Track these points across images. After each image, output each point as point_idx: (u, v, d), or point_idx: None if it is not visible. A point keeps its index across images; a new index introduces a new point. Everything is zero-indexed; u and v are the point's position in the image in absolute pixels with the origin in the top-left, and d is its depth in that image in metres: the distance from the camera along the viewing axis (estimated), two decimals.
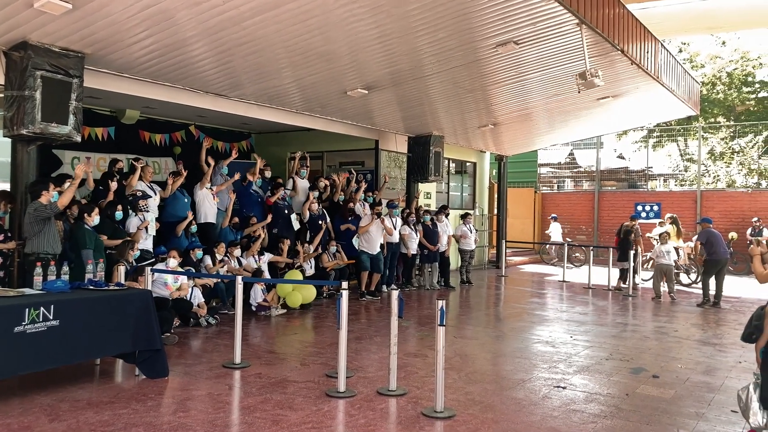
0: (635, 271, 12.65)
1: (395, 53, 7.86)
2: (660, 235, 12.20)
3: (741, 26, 19.58)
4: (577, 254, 17.48)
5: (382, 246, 11.17)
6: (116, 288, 5.46)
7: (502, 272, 15.07)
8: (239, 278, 5.92)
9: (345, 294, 5.11)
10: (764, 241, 10.20)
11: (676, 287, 11.96)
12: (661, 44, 10.47)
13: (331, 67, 8.21)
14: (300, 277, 9.44)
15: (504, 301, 11.56)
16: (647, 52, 9.79)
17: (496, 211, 17.38)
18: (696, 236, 11.79)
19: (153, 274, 6.75)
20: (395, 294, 5.21)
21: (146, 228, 7.74)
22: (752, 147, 19.52)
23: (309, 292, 9.39)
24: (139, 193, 7.84)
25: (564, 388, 5.51)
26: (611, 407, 4.99)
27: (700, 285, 12.61)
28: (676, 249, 13.10)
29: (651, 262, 13.49)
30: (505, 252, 15.92)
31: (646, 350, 7.19)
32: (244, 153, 13.82)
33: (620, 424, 4.59)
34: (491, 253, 17.22)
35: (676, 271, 12.22)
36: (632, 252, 12.31)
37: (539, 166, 21.93)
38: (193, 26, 6.39)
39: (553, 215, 18.42)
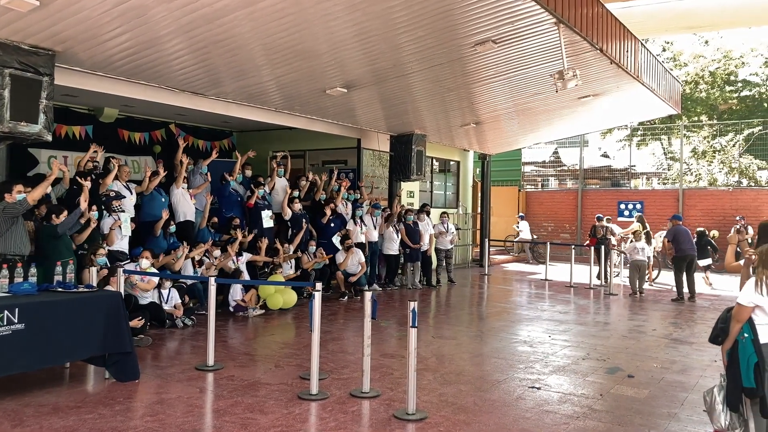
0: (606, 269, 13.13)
1: (373, 51, 7.79)
2: (634, 232, 12.45)
3: (720, 26, 19.72)
4: (540, 251, 17.91)
5: (362, 245, 11.16)
6: (86, 290, 5.37)
7: (485, 271, 15.07)
8: (212, 279, 5.85)
9: (318, 296, 5.05)
10: (743, 229, 10.34)
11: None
12: (641, 43, 10.49)
13: (310, 66, 8.13)
14: (281, 278, 9.38)
15: (485, 300, 11.55)
16: (627, 51, 9.80)
17: (480, 210, 17.38)
18: (665, 233, 11.96)
19: (125, 274, 6.67)
20: (369, 295, 5.16)
21: (120, 227, 7.62)
22: (733, 146, 19.65)
23: (290, 297, 9.31)
24: (112, 194, 7.71)
25: (538, 388, 5.49)
26: (584, 408, 4.98)
27: (659, 282, 13.38)
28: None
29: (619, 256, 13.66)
30: (489, 250, 15.93)
31: (623, 349, 7.20)
32: (225, 152, 13.70)
33: (592, 425, 4.58)
34: (475, 252, 17.21)
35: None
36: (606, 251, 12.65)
37: (523, 165, 21.97)
38: (168, 23, 6.28)
39: (521, 214, 18.62)
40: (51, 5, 5.61)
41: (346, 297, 10.42)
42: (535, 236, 18.69)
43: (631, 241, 12.36)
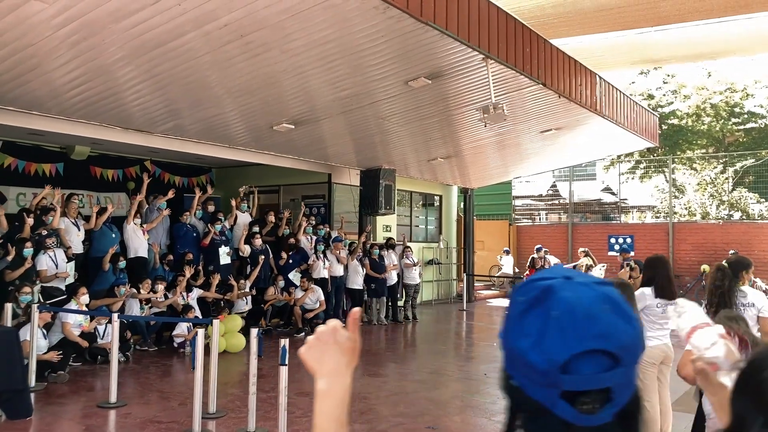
0: None
1: (336, 78, 7.57)
2: (587, 266, 12.45)
3: (722, 54, 19.55)
4: None
5: (324, 281, 11.09)
6: None
7: (464, 306, 14.85)
8: (115, 316, 5.87)
9: (201, 333, 5.04)
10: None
11: None
12: (599, 77, 10.43)
13: (270, 94, 7.87)
14: (239, 322, 9.19)
15: (445, 336, 11.36)
16: (580, 85, 9.76)
17: (463, 244, 17.25)
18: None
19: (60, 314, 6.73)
20: (254, 332, 5.12)
21: (56, 264, 7.73)
22: (725, 179, 19.29)
23: (239, 342, 8.87)
24: (44, 232, 7.80)
25: (434, 428, 5.34)
26: None
27: None
28: None
29: None
30: (473, 285, 15.72)
31: None
32: (203, 188, 13.82)
33: None
34: (459, 287, 17.00)
35: None
36: None
37: (515, 198, 21.82)
38: (117, 48, 6.18)
39: (506, 249, 18.43)
40: None
41: (304, 333, 10.34)
42: (518, 270, 18.45)
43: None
